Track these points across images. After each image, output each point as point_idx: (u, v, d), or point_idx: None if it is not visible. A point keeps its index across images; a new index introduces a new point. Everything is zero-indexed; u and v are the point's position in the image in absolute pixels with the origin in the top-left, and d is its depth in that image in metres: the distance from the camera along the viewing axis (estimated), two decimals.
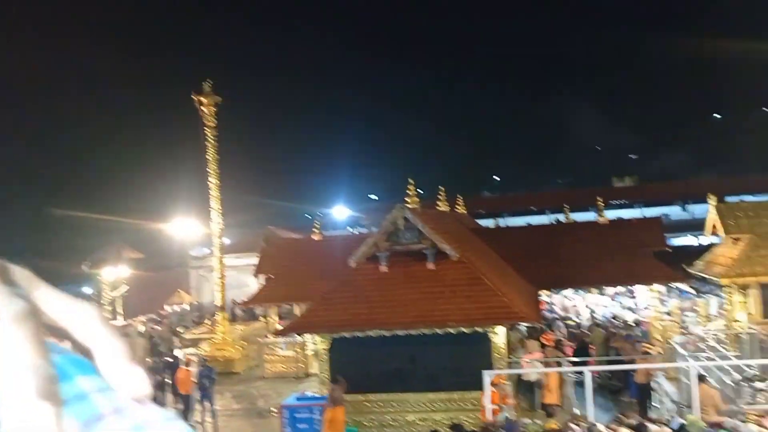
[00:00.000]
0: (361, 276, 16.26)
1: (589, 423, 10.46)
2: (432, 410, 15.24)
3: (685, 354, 16.27)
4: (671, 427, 9.28)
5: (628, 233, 21.77)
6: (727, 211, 21.12)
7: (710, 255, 22.47)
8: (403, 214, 16.09)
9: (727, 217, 20.86)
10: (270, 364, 22.49)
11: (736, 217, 20.80)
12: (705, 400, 11.80)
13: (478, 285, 15.43)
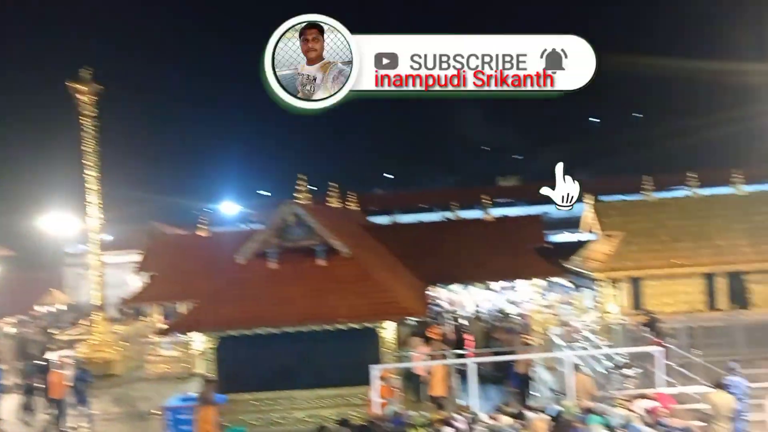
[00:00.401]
0: (250, 273, 15.93)
1: (473, 413, 10.76)
2: (320, 407, 15.19)
3: (562, 344, 17.14)
4: (548, 413, 9.72)
5: (512, 230, 22.67)
6: (601, 210, 22.43)
7: (586, 251, 23.80)
8: (294, 210, 15.91)
9: (601, 215, 22.17)
10: (152, 365, 21.61)
11: (609, 215, 22.14)
12: (579, 387, 12.44)
13: (368, 281, 15.52)
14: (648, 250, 20.83)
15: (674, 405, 11.03)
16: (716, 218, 21.35)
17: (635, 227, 21.46)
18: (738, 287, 20.46)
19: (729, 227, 20.99)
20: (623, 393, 12.41)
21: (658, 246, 20.87)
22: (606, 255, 21.20)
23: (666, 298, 20.56)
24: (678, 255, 20.56)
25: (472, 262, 21.26)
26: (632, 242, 21.08)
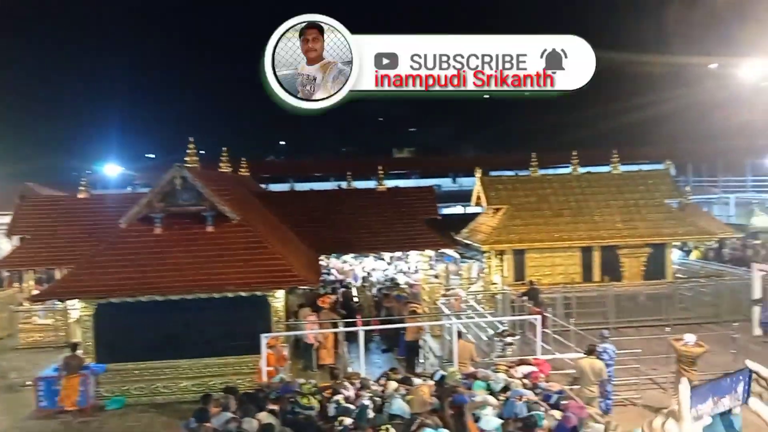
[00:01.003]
0: (133, 238, 15.24)
1: (361, 380, 10.90)
2: (207, 375, 14.89)
3: (448, 313, 17.66)
4: (433, 379, 10.00)
5: (404, 202, 22.95)
6: (489, 184, 23.18)
7: (474, 223, 24.58)
8: (181, 173, 15.30)
9: (489, 189, 22.91)
10: (25, 334, 20.34)
11: (497, 189, 22.93)
12: (463, 353, 12.91)
13: (258, 248, 15.27)
14: (531, 224, 21.79)
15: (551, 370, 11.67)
16: (594, 195, 22.62)
17: (520, 202, 22.36)
18: (610, 260, 21.86)
19: (605, 204, 22.30)
20: (504, 359, 13.00)
21: (541, 220, 21.87)
22: (492, 228, 21.98)
23: (546, 270, 21.66)
24: (559, 229, 21.64)
25: (365, 231, 21.39)
26: (517, 216, 21.97)
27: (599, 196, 22.56)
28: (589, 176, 23.86)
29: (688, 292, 21.20)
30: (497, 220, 22.25)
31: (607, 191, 22.76)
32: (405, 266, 26.74)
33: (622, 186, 22.92)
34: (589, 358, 12.49)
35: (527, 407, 8.28)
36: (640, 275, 21.83)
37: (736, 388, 1.15)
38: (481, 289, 22.40)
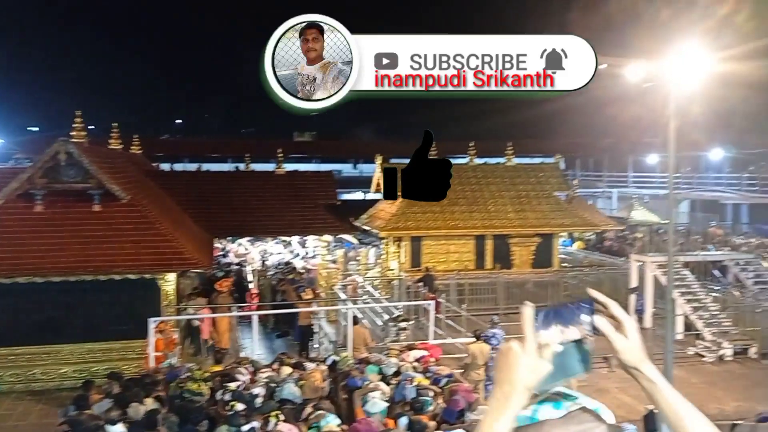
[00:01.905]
0: (10, 215, 14.24)
1: (254, 364, 10.75)
2: (90, 361, 14.20)
3: (345, 298, 17.73)
4: (326, 364, 10.02)
5: (304, 186, 22.80)
6: None
7: (373, 210, 24.73)
8: (66, 148, 14.43)
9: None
10: None
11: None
12: (357, 338, 13.01)
13: (149, 230, 14.68)
14: (428, 212, 22.18)
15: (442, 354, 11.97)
16: (489, 186, 23.33)
17: None
18: (502, 249, 22.66)
19: (498, 195, 23.06)
20: (398, 344, 13.21)
21: (438, 209, 22.31)
22: (391, 214, 22.21)
23: (441, 257, 22.18)
24: (454, 218, 22.17)
25: (263, 215, 21.07)
26: (415, 204, 22.28)
27: (493, 187, 23.30)
28: (484, 167, 24.57)
29: (572, 280, 22.33)
30: (396, 207, 22.50)
31: (500, 182, 23.53)
32: (303, 251, 26.57)
33: (515, 178, 23.77)
34: (478, 342, 12.91)
35: (417, 391, 8.43)
36: (529, 263, 22.77)
37: (580, 317, 1.17)
38: (378, 275, 22.63)
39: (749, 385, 14.55)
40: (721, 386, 14.46)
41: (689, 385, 14.39)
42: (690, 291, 18.09)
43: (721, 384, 14.62)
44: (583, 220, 23.47)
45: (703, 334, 16.88)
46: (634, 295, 19.72)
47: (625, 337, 1.29)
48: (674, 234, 23.90)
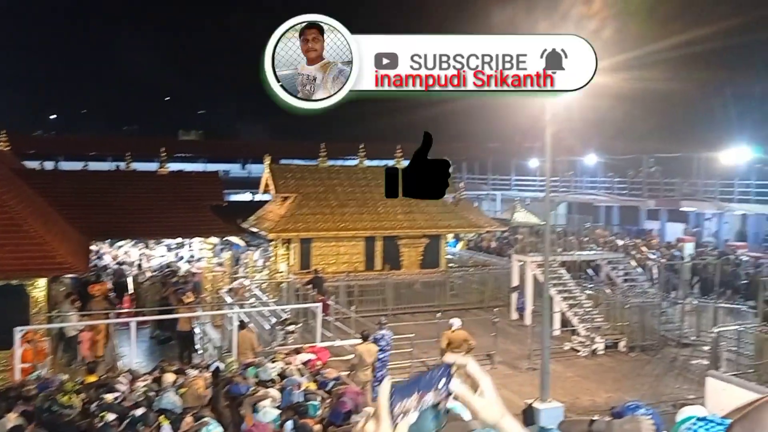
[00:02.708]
0: None
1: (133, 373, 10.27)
2: None
3: (231, 302, 17.30)
4: (210, 370, 9.71)
5: (188, 186, 22.06)
6: (278, 172, 23.08)
7: (262, 211, 24.33)
8: None
9: (278, 177, 22.81)
10: None
11: (285, 178, 22.90)
12: (244, 343, 12.71)
13: (16, 232, 13.65)
14: (318, 213, 22.10)
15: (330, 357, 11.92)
16: (378, 188, 23.53)
17: (308, 191, 22.58)
18: (391, 250, 22.95)
19: None
20: (285, 347, 13.04)
21: (327, 210, 22.28)
22: (280, 216, 21.94)
23: (331, 259, 22.15)
24: (344, 220, 22.21)
25: (144, 217, 20.17)
26: (305, 205, 22.15)
27: (383, 189, 23.48)
28: (374, 169, 24.79)
29: (458, 280, 22.98)
30: (285, 208, 22.26)
31: None
32: (186, 253, 25.71)
33: None
34: (365, 343, 12.98)
35: (304, 396, 8.35)
36: (417, 264, 23.20)
37: (438, 382, 1.18)
38: (266, 278, 22.27)
39: (619, 377, 15.51)
40: (593, 379, 15.33)
41: (565, 378, 15.16)
42: (566, 289, 19.06)
43: (594, 377, 15.50)
44: (469, 222, 24.21)
45: (578, 329, 17.82)
46: (516, 294, 20.57)
47: (482, 395, 1.28)
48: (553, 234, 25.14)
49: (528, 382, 14.49)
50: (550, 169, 12.63)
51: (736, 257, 25.21)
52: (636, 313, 17.82)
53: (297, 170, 23.70)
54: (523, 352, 16.37)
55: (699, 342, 17.86)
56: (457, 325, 13.65)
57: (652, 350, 17.44)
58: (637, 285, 20.45)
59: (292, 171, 23.47)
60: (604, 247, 23.06)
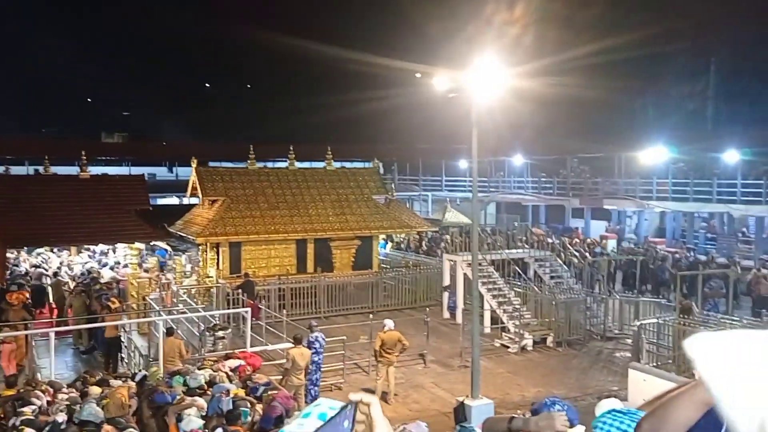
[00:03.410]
0: None
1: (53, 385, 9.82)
2: None
3: (158, 309, 16.81)
4: (135, 380, 9.40)
5: (111, 190, 21.34)
6: (206, 175, 22.60)
7: (189, 215, 23.80)
8: None
9: (206, 180, 22.34)
10: None
11: (213, 180, 22.45)
12: (171, 350, 12.37)
13: None
14: (248, 216, 21.77)
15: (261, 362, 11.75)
16: (309, 190, 23.41)
17: (237, 194, 22.21)
18: (324, 252, 22.84)
19: (319, 199, 23.22)
20: (214, 354, 12.77)
21: (257, 213, 21.98)
22: (208, 220, 21.50)
23: (262, 262, 21.85)
24: (275, 222, 21.96)
25: (64, 222, 19.37)
26: (233, 208, 21.78)
27: (314, 191, 23.40)
28: (305, 171, 24.63)
29: (391, 281, 23.07)
30: (213, 212, 21.82)
31: (321, 186, 23.70)
32: (109, 259, 24.83)
33: (335, 182, 24.08)
34: (298, 347, 12.87)
35: (233, 402, 8.19)
36: (350, 266, 23.15)
37: (342, 423, 1.14)
38: (195, 283, 21.77)
39: (547, 372, 15.92)
40: (523, 374, 15.68)
41: (495, 375, 15.45)
42: (496, 287, 19.43)
43: (523, 372, 15.86)
44: (401, 223, 24.35)
45: (507, 326, 18.20)
46: (447, 293, 20.83)
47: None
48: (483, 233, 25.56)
49: (460, 379, 14.69)
50: (476, 169, 12.84)
51: (656, 253, 26.31)
52: (563, 309, 18.33)
53: (225, 173, 23.27)
54: (455, 350, 16.58)
55: (622, 335, 18.55)
56: (389, 326, 13.69)
57: (579, 344, 17.99)
58: (564, 282, 21.06)
59: (220, 173, 23.03)
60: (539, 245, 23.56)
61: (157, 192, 33.77)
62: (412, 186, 46.17)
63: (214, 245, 21.52)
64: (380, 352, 13.64)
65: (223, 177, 22.69)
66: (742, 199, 27.22)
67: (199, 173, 22.48)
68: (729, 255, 26.62)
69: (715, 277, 20.29)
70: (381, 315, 20.13)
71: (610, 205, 33.93)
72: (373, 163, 26.57)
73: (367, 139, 44.80)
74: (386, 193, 25.77)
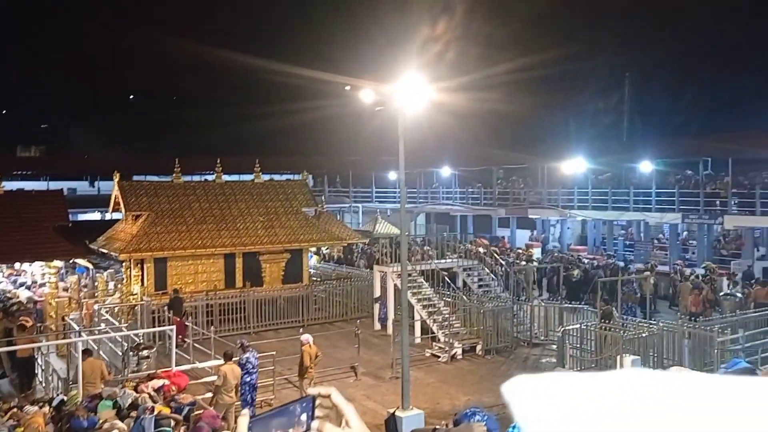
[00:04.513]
0: None
1: None
2: None
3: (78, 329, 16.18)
4: (52, 405, 9.00)
5: (28, 206, 20.40)
6: (129, 189, 21.96)
7: (112, 231, 23.04)
8: None
9: (129, 195, 21.70)
10: None
11: (137, 195, 21.83)
12: (92, 372, 11.90)
13: None
14: (173, 231, 21.27)
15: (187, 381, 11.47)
16: (237, 203, 23.08)
17: (162, 208, 21.68)
18: (253, 266, 22.53)
19: (247, 212, 22.93)
20: (138, 374, 12.38)
21: (184, 227, 21.50)
22: (132, 235, 20.88)
23: (189, 278, 21.37)
24: (202, 237, 21.53)
25: None
26: (158, 223, 21.24)
27: (242, 204, 23.09)
28: (233, 184, 24.28)
29: (322, 294, 22.98)
30: (137, 227, 21.21)
31: (249, 199, 23.41)
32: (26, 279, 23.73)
33: (264, 195, 23.84)
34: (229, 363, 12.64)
35: (157, 422, 7.97)
36: (279, 279, 22.92)
37: (300, 416, 1.14)
38: (118, 301, 21.06)
39: (477, 380, 16.19)
40: (453, 383, 15.88)
41: (426, 384, 15.59)
42: (425, 297, 19.65)
43: (454, 381, 16.07)
44: (331, 235, 24.31)
45: (437, 336, 18.41)
46: (378, 304, 20.91)
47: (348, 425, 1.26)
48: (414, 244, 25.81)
49: (392, 391, 14.74)
50: (404, 180, 13.00)
51: (578, 260, 27.21)
52: (490, 317, 18.69)
53: (150, 187, 22.66)
54: (387, 361, 16.64)
55: (548, 341, 19.06)
56: (307, 340, 13.70)
57: (507, 351, 18.38)
58: (491, 290, 21.50)
59: (144, 188, 22.41)
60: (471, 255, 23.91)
61: (77, 207, 32.53)
62: (343, 198, 46.17)
63: (138, 262, 20.89)
64: (309, 367, 13.63)
65: (148, 191, 22.09)
66: (656, 207, 28.51)
67: (122, 187, 21.82)
68: (646, 261, 27.84)
69: (630, 282, 21.16)
70: (312, 329, 20.07)
71: (534, 215, 34.89)
72: (303, 176, 26.47)
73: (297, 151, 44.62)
74: (316, 206, 25.70)
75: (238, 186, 24.30)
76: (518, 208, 35.13)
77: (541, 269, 25.77)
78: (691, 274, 22.75)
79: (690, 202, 27.19)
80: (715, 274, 22.10)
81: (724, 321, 16.27)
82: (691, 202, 27.18)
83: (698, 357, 14.40)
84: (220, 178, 23.89)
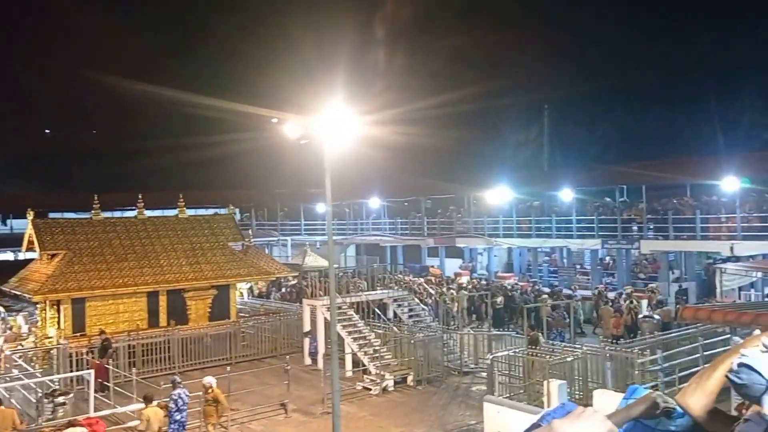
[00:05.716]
0: None
1: None
2: None
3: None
4: None
5: None
6: (44, 227, 21.02)
7: (25, 271, 21.94)
8: None
9: (44, 233, 20.76)
10: None
11: (53, 233, 20.91)
12: (2, 422, 11.20)
13: None
14: (92, 270, 20.43)
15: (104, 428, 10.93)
16: (160, 239, 22.42)
17: (80, 246, 20.83)
18: (177, 304, 21.83)
19: (171, 248, 22.29)
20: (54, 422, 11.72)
21: (103, 266, 20.69)
22: (47, 275, 19.92)
23: (109, 318, 20.50)
24: (123, 275, 20.75)
25: None
26: (76, 262, 20.37)
27: (165, 240, 22.45)
28: (155, 220, 23.59)
29: (250, 330, 22.47)
30: (53, 267, 20.25)
31: (173, 235, 22.79)
32: None
33: (188, 230, 23.27)
34: (151, 406, 12.16)
35: None
36: (206, 317, 22.29)
37: None
38: (32, 345, 19.96)
39: (409, 411, 16.12)
40: (385, 416, 15.75)
41: (358, 419, 15.41)
42: (356, 329, 19.52)
43: (386, 413, 15.94)
44: (259, 269, 23.91)
45: (369, 368, 18.27)
46: (308, 338, 20.61)
47: None
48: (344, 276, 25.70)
49: (323, 427, 14.48)
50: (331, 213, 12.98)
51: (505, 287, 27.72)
52: (421, 347, 18.72)
53: (67, 224, 21.75)
54: (318, 396, 16.36)
55: (478, 369, 19.23)
56: (210, 383, 13.41)
57: (438, 381, 18.42)
58: (421, 320, 21.58)
59: (61, 225, 21.49)
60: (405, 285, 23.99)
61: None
62: (271, 231, 45.62)
63: (55, 303, 19.92)
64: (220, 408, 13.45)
65: (65, 229, 21.20)
66: (577, 234, 29.48)
67: (37, 226, 20.86)
68: (569, 286, 28.64)
69: (558, 307, 21.70)
70: (240, 366, 19.57)
71: (462, 243, 35.42)
72: (229, 209, 26.03)
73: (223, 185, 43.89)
74: (243, 240, 25.28)
75: (161, 221, 23.63)
76: (446, 238, 35.59)
77: (471, 297, 26.10)
78: (618, 297, 23.55)
79: (609, 228, 28.25)
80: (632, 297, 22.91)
81: (644, 343, 16.86)
82: (609, 228, 28.25)
83: (620, 379, 14.82)
84: (142, 213, 23.17)
